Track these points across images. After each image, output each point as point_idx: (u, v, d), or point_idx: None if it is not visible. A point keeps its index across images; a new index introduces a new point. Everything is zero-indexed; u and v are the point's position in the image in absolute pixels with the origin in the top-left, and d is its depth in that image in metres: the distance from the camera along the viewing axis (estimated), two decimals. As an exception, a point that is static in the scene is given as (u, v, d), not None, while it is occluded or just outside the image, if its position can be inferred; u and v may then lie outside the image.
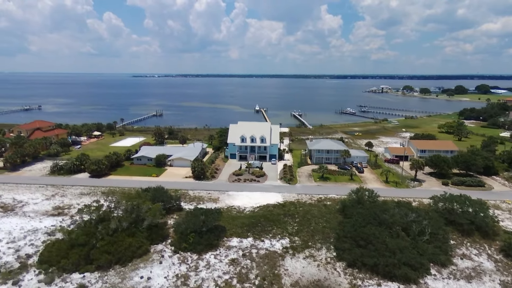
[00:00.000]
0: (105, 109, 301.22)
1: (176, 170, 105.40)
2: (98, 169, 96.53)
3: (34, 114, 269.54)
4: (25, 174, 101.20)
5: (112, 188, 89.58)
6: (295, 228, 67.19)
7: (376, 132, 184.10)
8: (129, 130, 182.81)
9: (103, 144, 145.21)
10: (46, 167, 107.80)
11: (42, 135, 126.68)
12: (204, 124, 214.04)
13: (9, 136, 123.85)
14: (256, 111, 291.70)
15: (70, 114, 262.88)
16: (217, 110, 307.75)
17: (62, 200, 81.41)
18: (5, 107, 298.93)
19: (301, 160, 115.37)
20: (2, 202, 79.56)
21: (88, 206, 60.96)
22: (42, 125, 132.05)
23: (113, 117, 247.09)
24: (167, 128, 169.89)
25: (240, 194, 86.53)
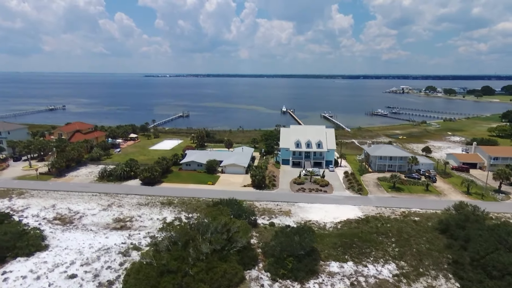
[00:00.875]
0: (129, 109, 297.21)
1: (230, 178, 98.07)
2: (152, 176, 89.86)
3: (59, 114, 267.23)
4: (73, 180, 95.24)
5: (170, 198, 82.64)
6: (396, 250, 58.90)
7: (420, 136, 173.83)
8: (161, 132, 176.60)
9: (141, 147, 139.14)
10: (92, 173, 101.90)
11: (83, 138, 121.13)
12: (234, 125, 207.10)
13: (49, 138, 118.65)
14: (283, 112, 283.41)
15: (96, 115, 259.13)
16: (243, 111, 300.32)
17: (120, 211, 74.85)
18: (29, 106, 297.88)
19: (361, 167, 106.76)
20: (58, 213, 73.44)
21: (170, 224, 53.81)
22: (81, 127, 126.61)
23: (140, 118, 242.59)
24: (204, 131, 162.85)
25: (312, 206, 78.61)
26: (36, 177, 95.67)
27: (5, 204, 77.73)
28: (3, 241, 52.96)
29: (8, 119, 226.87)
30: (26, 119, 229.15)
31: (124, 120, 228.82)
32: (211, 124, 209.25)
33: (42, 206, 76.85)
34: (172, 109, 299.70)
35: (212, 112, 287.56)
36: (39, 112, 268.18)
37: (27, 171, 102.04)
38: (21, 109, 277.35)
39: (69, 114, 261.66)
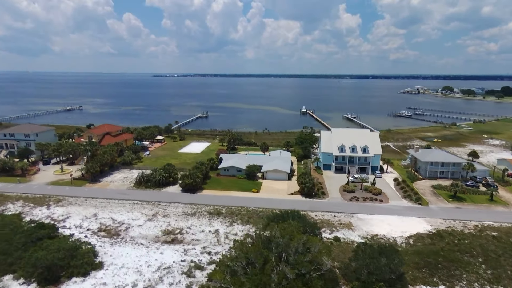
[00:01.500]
0: (146, 110, 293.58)
1: (273, 184, 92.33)
2: (194, 183, 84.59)
3: (77, 115, 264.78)
4: (109, 186, 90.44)
5: (217, 207, 77.11)
6: (488, 272, 52.58)
7: (456, 139, 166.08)
8: (185, 134, 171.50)
9: (170, 150, 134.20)
10: (127, 178, 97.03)
11: (113, 141, 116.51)
12: (255, 127, 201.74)
13: (79, 141, 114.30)
14: (303, 113, 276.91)
15: (114, 116, 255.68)
16: (260, 112, 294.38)
17: (167, 222, 69.61)
18: (47, 107, 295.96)
19: (410, 174, 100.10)
20: (102, 223, 68.53)
21: (243, 244, 48.16)
22: (111, 130, 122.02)
23: (159, 118, 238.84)
24: (234, 133, 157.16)
25: (372, 218, 72.47)
26: (70, 183, 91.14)
27: (45, 213, 73.13)
28: (58, 259, 47.93)
29: (28, 119, 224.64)
30: (46, 119, 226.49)
31: (143, 121, 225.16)
32: (232, 126, 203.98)
33: (83, 216, 72.06)
34: (189, 110, 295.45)
35: (230, 113, 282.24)
36: (57, 112, 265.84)
37: (60, 176, 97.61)
38: (39, 109, 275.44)
39: (87, 115, 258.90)
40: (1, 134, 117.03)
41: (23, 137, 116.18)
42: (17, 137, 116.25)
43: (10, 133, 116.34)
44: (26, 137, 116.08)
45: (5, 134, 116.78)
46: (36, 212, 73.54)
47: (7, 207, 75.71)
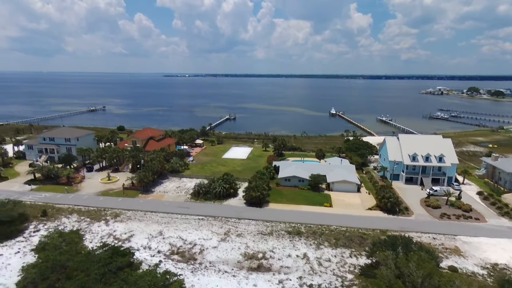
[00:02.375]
0: (169, 111, 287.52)
1: (343, 197, 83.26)
2: (261, 196, 76.22)
3: (101, 116, 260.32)
4: (164, 197, 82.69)
5: (293, 224, 68.49)
6: None
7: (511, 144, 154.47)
8: (220, 137, 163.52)
9: (213, 155, 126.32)
10: (180, 188, 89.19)
11: (157, 146, 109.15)
12: (288, 129, 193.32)
13: (123, 146, 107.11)
14: (332, 115, 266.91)
15: (139, 117, 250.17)
16: (287, 114, 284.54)
17: (244, 244, 61.07)
18: (69, 107, 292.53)
19: (492, 186, 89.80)
20: (172, 244, 60.49)
21: (376, 284, 39.34)
22: (154, 134, 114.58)
23: (186, 120, 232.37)
24: (280, 137, 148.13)
25: (480, 241, 62.51)
26: (122, 193, 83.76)
27: (104, 229, 65.62)
28: (151, 299, 39.93)
29: (54, 121, 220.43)
30: (72, 120, 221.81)
31: (170, 122, 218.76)
32: (264, 128, 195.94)
33: (148, 234, 64.27)
34: (214, 111, 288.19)
35: (257, 114, 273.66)
36: (81, 113, 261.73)
37: (108, 185, 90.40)
38: (63, 110, 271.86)
39: (111, 116, 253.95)
40: (41, 138, 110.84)
41: (64, 142, 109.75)
42: (57, 142, 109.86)
43: (50, 137, 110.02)
44: (66, 142, 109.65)
45: (44, 138, 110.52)
46: (95, 228, 66.09)
47: (62, 222, 68.51)
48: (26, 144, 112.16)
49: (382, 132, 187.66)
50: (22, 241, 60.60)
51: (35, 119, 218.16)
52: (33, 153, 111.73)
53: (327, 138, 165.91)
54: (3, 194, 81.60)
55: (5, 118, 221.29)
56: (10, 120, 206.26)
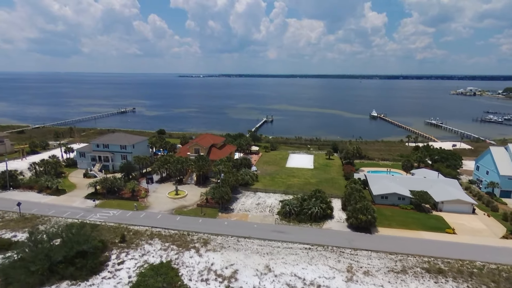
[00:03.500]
0: (201, 112, 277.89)
1: (459, 220, 69.88)
2: (372, 220, 63.95)
3: (132, 117, 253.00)
4: (249, 218, 71.26)
5: (425, 258, 55.98)
6: None
7: None
8: (273, 142, 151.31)
9: (274, 163, 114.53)
10: (260, 205, 77.45)
11: (222, 155, 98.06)
12: (333, 133, 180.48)
13: (185, 154, 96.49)
14: (373, 117, 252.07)
15: (173, 119, 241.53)
16: (324, 116, 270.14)
17: (380, 286, 49.12)
18: (99, 108, 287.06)
19: None
20: (289, 284, 48.90)
21: None
22: (215, 141, 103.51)
23: (223, 123, 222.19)
24: (356, 144, 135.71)
25: None
26: (199, 212, 72.97)
27: (199, 262, 54.41)
28: None
29: (88, 123, 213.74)
30: (105, 123, 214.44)
31: (208, 125, 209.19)
32: (306, 131, 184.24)
33: (253, 269, 52.81)
34: (245, 113, 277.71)
35: (292, 116, 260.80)
36: (112, 115, 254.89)
37: (178, 201, 79.73)
38: (92, 112, 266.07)
39: (144, 118, 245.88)
40: (94, 145, 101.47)
41: (119, 149, 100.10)
42: (112, 149, 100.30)
43: (104, 144, 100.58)
44: (122, 149, 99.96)
45: (98, 145, 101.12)
46: (187, 259, 55.04)
47: (146, 250, 57.73)
48: (78, 152, 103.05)
49: (441, 137, 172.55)
50: (109, 278, 50.08)
51: (70, 121, 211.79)
52: (85, 161, 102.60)
53: (386, 144, 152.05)
54: (68, 212, 72.23)
55: (39, 120, 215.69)
56: (46, 122, 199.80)
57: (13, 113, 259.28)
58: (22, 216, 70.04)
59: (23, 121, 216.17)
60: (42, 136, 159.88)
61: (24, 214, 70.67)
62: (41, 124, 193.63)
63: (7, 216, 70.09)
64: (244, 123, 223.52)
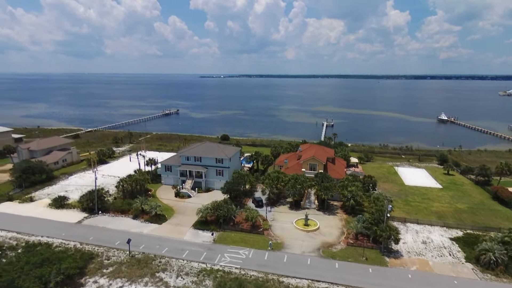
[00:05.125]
0: (247, 115, 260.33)
1: None
2: None
3: (176, 120, 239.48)
4: (434, 267, 52.40)
5: None
6: None
7: None
8: (365, 151, 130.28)
9: (388, 181, 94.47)
10: (431, 246, 58.35)
11: (340, 171, 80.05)
12: (417, 140, 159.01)
13: (296, 170, 78.92)
14: (441, 121, 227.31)
15: (223, 122, 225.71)
16: (386, 119, 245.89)
17: None
18: (140, 110, 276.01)
19: None
20: None
21: None
22: (329, 153, 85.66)
23: (279, 127, 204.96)
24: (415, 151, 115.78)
25: None
26: (355, 254, 54.97)
27: None
28: None
29: (138, 126, 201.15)
30: (156, 126, 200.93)
31: (267, 130, 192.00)
32: (376, 137, 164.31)
33: None
34: (293, 115, 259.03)
35: (350, 120, 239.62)
36: (157, 117, 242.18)
37: (314, 235, 61.48)
38: (135, 113, 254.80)
39: (191, 121, 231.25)
40: (183, 157, 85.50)
41: (214, 163, 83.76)
42: (206, 163, 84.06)
43: (196, 157, 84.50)
44: (218, 163, 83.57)
45: (188, 158, 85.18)
46: None
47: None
48: (164, 165, 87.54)
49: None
50: None
51: (120, 125, 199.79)
52: (171, 176, 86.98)
53: (490, 154, 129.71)
54: (186, 251, 55.92)
55: (87, 123, 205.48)
56: (97, 125, 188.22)
57: (59, 115, 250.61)
58: (132, 256, 54.41)
59: (70, 124, 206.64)
60: (99, 141, 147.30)
61: (133, 253, 55.07)
62: (93, 127, 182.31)
63: (113, 256, 54.55)
64: (301, 127, 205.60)
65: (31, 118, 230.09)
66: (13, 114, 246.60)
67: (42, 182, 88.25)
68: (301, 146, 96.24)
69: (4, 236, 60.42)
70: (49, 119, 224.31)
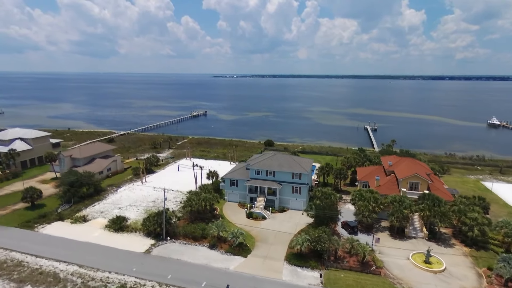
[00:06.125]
0: (279, 117, 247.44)
1: None
2: None
3: (204, 122, 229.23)
4: None
5: None
6: None
7: None
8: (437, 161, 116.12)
9: (487, 198, 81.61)
10: None
11: (442, 189, 67.16)
12: (482, 148, 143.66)
13: (392, 190, 66.34)
14: (492, 125, 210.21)
15: (257, 125, 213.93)
16: (430, 123, 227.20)
17: None
18: (169, 112, 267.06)
19: None
20: None
21: None
22: (426, 169, 72.96)
23: (320, 132, 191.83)
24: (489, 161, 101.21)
25: None
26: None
27: None
28: None
29: (168, 128, 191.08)
30: (190, 129, 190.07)
31: (311, 134, 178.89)
32: (423, 144, 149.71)
33: None
34: (329, 118, 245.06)
35: (393, 123, 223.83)
36: (186, 119, 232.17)
37: (446, 278, 49.55)
38: (162, 115, 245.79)
39: (224, 123, 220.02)
40: (253, 171, 73.23)
41: (290, 179, 71.64)
42: (280, 178, 71.97)
43: (268, 170, 72.48)
44: (295, 179, 71.48)
45: (258, 171, 73.21)
46: None
47: None
48: (229, 179, 76.10)
49: None
50: None
51: (151, 127, 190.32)
52: (237, 192, 75.45)
53: None
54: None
55: (116, 125, 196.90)
56: (130, 128, 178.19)
57: (86, 116, 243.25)
58: (231, 307, 42.93)
59: (99, 126, 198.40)
60: (136, 145, 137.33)
61: (229, 303, 43.60)
62: (124, 130, 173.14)
63: (205, 306, 43.28)
64: (343, 131, 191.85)
65: (58, 119, 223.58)
66: (39, 115, 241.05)
67: (91, 196, 78.32)
68: (384, 158, 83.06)
69: (65, 271, 49.83)
70: (77, 120, 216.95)
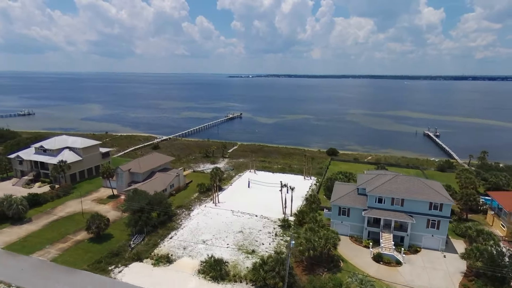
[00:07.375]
0: (323, 120, 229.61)
1: None
2: None
3: (240, 125, 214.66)
4: None
5: None
6: None
7: None
8: None
9: None
10: None
11: None
12: None
13: None
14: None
15: (300, 130, 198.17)
16: (498, 129, 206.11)
17: None
18: (203, 113, 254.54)
19: None
20: None
21: None
22: None
23: (376, 139, 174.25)
24: None
25: None
26: None
27: None
28: None
29: (208, 133, 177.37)
30: (232, 134, 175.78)
31: (370, 141, 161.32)
32: (501, 155, 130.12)
33: None
34: (375, 122, 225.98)
35: (455, 129, 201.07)
36: (223, 122, 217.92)
37: None
38: (195, 117, 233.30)
39: (265, 127, 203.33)
40: (372, 198, 57.01)
41: (427, 210, 54.62)
42: (410, 208, 55.61)
43: (394, 198, 56.47)
44: (433, 210, 54.54)
45: (381, 199, 57.19)
46: None
47: None
48: (338, 206, 60.55)
49: None
50: None
51: (192, 131, 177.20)
52: (347, 222, 59.21)
53: None
54: None
55: (153, 129, 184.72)
56: (172, 133, 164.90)
57: (119, 118, 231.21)
58: None
59: (135, 129, 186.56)
60: (186, 154, 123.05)
61: None
62: (164, 134, 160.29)
63: None
64: (402, 138, 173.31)
65: (91, 121, 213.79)
66: (71, 116, 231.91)
67: (163, 223, 64.27)
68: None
69: None
70: (111, 123, 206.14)
